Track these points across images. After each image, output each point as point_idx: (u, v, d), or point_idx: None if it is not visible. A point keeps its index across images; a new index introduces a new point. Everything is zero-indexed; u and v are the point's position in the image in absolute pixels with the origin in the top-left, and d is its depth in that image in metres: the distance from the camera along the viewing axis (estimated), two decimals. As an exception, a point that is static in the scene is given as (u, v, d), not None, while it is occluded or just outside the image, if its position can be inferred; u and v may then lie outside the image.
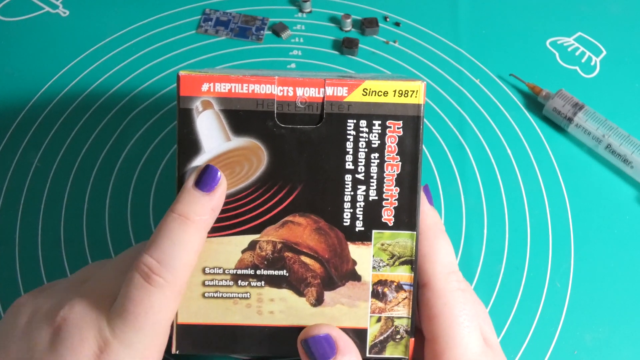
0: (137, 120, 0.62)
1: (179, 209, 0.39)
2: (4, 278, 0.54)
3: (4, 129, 0.61)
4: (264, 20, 0.69)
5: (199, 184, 0.40)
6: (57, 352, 0.38)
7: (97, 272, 0.43)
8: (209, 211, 0.39)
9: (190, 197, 0.39)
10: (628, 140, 0.60)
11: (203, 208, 0.39)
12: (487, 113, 0.64)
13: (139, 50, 0.67)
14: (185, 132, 0.40)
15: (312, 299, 0.41)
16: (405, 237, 0.41)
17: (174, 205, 0.39)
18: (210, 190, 0.39)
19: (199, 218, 0.39)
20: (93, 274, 0.43)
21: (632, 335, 0.54)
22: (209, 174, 0.40)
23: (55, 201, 0.58)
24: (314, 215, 0.41)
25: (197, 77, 0.40)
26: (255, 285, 0.41)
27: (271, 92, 0.40)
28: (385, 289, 0.41)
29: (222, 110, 0.40)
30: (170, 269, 0.38)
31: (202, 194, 0.39)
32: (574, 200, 0.59)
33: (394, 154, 0.41)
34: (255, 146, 0.40)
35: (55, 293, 0.42)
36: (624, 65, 0.68)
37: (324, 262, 0.41)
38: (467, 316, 0.41)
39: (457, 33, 0.69)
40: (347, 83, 0.40)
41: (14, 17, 0.69)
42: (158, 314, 0.38)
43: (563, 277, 0.56)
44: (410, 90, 0.40)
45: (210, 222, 0.40)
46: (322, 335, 0.40)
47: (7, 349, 0.40)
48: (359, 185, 0.41)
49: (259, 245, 0.41)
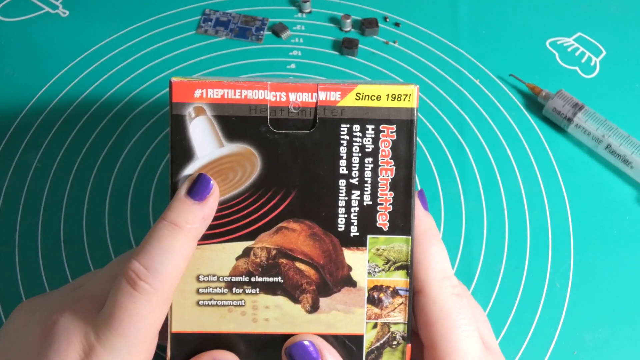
0: (137, 120, 0.62)
1: (170, 217, 0.39)
2: (4, 278, 0.54)
3: (4, 129, 0.62)
4: (263, 20, 0.69)
5: (191, 192, 0.39)
6: (45, 354, 0.38)
7: (92, 278, 0.43)
8: (199, 220, 0.39)
9: (182, 205, 0.39)
10: (628, 140, 0.59)
11: (194, 216, 0.39)
12: (487, 113, 0.64)
13: (139, 51, 0.67)
14: (178, 139, 0.40)
15: (307, 305, 0.41)
16: (400, 241, 0.41)
17: (165, 213, 0.39)
18: (202, 199, 0.39)
19: (189, 226, 0.39)
20: (88, 279, 0.43)
21: (632, 335, 0.53)
22: (202, 183, 0.40)
23: (55, 201, 0.58)
24: (309, 221, 0.41)
25: (190, 84, 0.40)
26: (250, 292, 0.41)
27: (264, 98, 0.40)
28: (381, 295, 0.41)
29: (214, 117, 0.40)
30: (157, 275, 0.38)
31: (194, 202, 0.39)
32: (574, 201, 0.59)
33: (387, 159, 0.40)
34: (249, 152, 0.40)
35: (52, 298, 0.42)
36: (623, 66, 0.68)
37: (319, 268, 0.41)
38: (465, 320, 0.41)
39: (457, 33, 0.69)
40: (340, 87, 0.40)
41: (14, 17, 0.69)
42: (143, 321, 0.38)
43: (563, 277, 0.56)
44: (403, 94, 0.40)
45: (201, 230, 0.40)
46: (305, 344, 0.40)
47: (3, 350, 0.40)
48: (353, 190, 0.41)
49: (254, 252, 0.41)
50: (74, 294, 0.41)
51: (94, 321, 0.39)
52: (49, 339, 0.39)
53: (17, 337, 0.40)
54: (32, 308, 0.42)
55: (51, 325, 0.39)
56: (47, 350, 0.38)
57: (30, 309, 0.42)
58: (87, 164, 0.60)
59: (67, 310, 0.40)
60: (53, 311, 0.40)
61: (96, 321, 0.38)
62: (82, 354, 0.38)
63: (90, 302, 0.40)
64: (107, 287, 0.40)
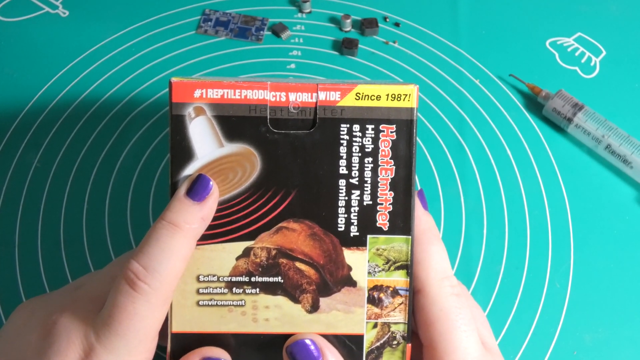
0: (137, 120, 0.62)
1: (169, 217, 0.39)
2: (4, 278, 0.54)
3: (4, 129, 0.62)
4: (263, 20, 0.69)
5: (190, 192, 0.39)
6: (45, 354, 0.38)
7: (92, 278, 0.43)
8: (199, 220, 0.39)
9: (181, 205, 0.39)
10: (628, 140, 0.59)
11: (193, 217, 0.39)
12: (486, 113, 0.64)
13: (139, 51, 0.67)
14: (178, 139, 0.40)
15: (307, 305, 0.41)
16: (400, 241, 0.41)
17: (164, 213, 0.39)
18: (201, 200, 0.39)
19: (188, 226, 0.39)
20: (88, 279, 0.43)
21: (632, 335, 0.53)
22: (201, 183, 0.40)
23: (55, 201, 0.58)
24: (309, 221, 0.41)
25: (189, 84, 0.40)
26: (250, 292, 0.41)
27: (264, 98, 0.40)
28: (381, 295, 0.41)
29: (214, 117, 0.40)
30: (156, 275, 0.38)
31: (193, 202, 0.39)
32: (574, 201, 0.59)
33: (387, 158, 0.40)
34: (249, 152, 0.40)
35: (52, 298, 0.42)
36: (623, 66, 0.68)
37: (319, 268, 0.41)
38: (464, 320, 0.40)
39: (457, 33, 0.69)
40: (340, 87, 0.40)
41: (14, 17, 0.69)
42: (142, 321, 0.38)
43: (563, 277, 0.56)
44: (403, 94, 0.40)
45: (199, 231, 0.40)
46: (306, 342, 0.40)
47: (3, 350, 0.40)
48: (353, 190, 0.41)
49: (254, 252, 0.41)
50: (73, 294, 0.41)
51: (94, 321, 0.39)
52: (48, 339, 0.39)
53: (17, 337, 0.40)
54: (32, 308, 0.42)
55: (51, 325, 0.39)
56: (47, 350, 0.38)
57: (31, 309, 0.42)
58: (87, 164, 0.60)
59: (66, 310, 0.40)
60: (53, 311, 0.40)
61: (96, 321, 0.38)
62: (82, 354, 0.38)
63: (90, 303, 0.40)
64: (107, 287, 0.40)
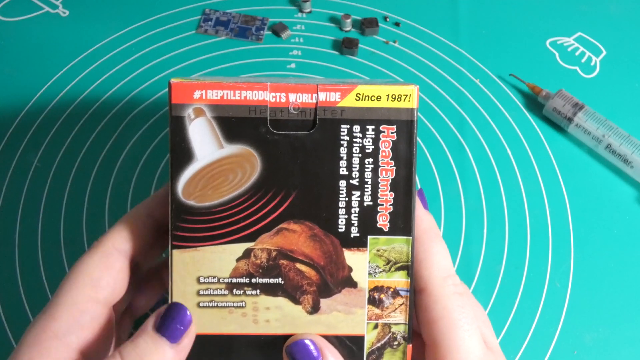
0: (137, 120, 0.62)
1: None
2: (4, 278, 0.54)
3: (4, 129, 0.62)
4: (263, 20, 0.69)
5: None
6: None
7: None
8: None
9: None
10: (628, 140, 0.59)
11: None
12: (487, 113, 0.64)
13: (139, 50, 0.67)
14: (178, 140, 0.40)
15: (308, 306, 0.41)
16: (400, 242, 0.41)
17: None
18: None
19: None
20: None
21: (632, 335, 0.54)
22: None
23: (55, 201, 0.58)
24: (309, 222, 0.40)
25: (189, 85, 0.39)
26: (251, 293, 0.41)
27: (264, 99, 0.40)
28: (381, 295, 0.41)
29: (214, 118, 0.40)
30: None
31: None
32: (574, 200, 0.59)
33: (388, 159, 0.40)
34: (249, 153, 0.40)
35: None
36: (623, 66, 0.68)
37: (319, 269, 0.41)
38: (467, 319, 0.40)
39: (457, 33, 0.69)
40: (340, 88, 0.40)
41: (14, 17, 0.69)
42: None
43: (563, 277, 0.56)
44: (404, 94, 0.40)
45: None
46: (305, 342, 0.40)
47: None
48: (354, 191, 0.40)
49: (254, 254, 0.40)
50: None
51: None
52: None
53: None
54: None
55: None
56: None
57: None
58: (87, 164, 0.60)
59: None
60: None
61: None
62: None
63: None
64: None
